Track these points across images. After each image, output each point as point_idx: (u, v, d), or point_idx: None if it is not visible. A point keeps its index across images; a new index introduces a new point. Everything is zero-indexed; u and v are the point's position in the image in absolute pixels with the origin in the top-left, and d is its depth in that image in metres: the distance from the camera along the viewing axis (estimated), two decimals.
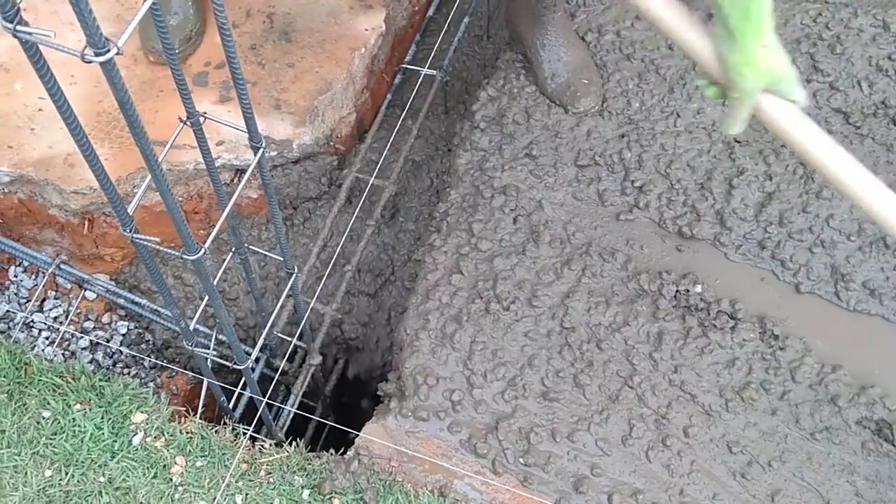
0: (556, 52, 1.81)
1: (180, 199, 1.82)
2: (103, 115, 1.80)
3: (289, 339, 1.59)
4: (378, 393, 1.61)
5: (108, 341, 1.86)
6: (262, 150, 1.04)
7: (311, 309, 1.70)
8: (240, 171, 1.82)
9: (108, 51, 0.69)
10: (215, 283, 1.16)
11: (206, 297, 1.10)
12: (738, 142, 1.72)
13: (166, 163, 1.74)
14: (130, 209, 0.95)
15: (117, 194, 0.91)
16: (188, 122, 1.04)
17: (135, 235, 0.95)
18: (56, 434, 1.45)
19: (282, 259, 1.29)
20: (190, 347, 1.22)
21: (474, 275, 1.61)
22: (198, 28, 1.85)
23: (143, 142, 0.78)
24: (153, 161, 0.80)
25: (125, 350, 1.84)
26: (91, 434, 1.44)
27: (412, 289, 1.63)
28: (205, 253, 0.95)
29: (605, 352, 1.53)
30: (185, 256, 0.95)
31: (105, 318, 1.89)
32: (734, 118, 1.11)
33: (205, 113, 1.05)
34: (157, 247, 0.95)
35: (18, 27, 0.67)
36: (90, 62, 0.69)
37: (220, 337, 1.66)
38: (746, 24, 1.03)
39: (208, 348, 1.29)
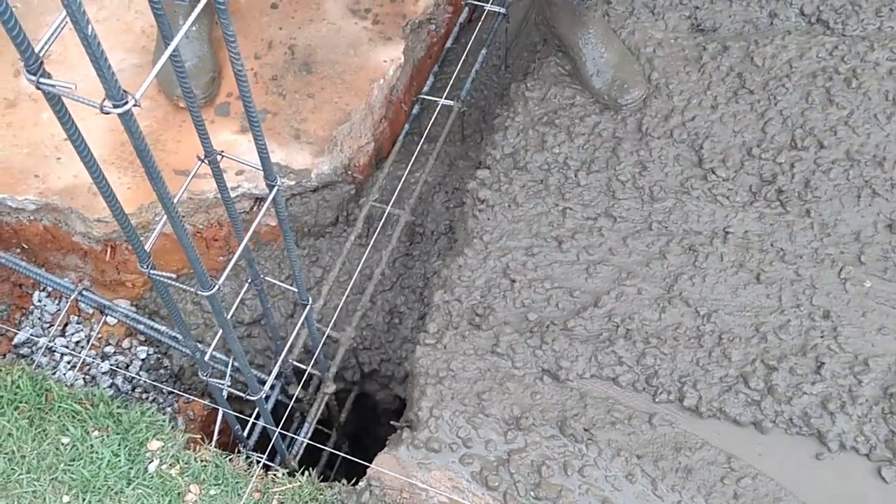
0: (598, 49, 1.88)
1: (201, 226, 1.85)
2: (127, 145, 1.84)
3: (303, 367, 1.61)
4: (392, 423, 1.63)
5: (127, 366, 1.89)
6: (276, 187, 1.06)
7: (327, 337, 1.72)
8: (259, 200, 1.86)
9: (126, 103, 0.71)
10: (231, 314, 1.19)
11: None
12: None
13: (188, 192, 1.78)
14: (148, 246, 0.97)
15: (135, 233, 0.93)
16: (206, 161, 1.07)
17: (152, 271, 0.98)
18: (74, 460, 1.48)
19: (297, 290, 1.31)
20: (205, 378, 1.24)
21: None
22: (217, 67, 1.89)
23: (160, 187, 0.80)
24: (169, 205, 0.83)
25: (144, 375, 1.87)
26: (108, 461, 1.47)
27: (424, 324, 1.64)
28: (218, 290, 0.98)
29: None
30: (199, 292, 0.97)
31: (125, 343, 1.92)
32: None
33: (222, 151, 1.07)
34: (173, 283, 0.98)
35: (42, 80, 0.69)
36: (108, 114, 0.72)
37: (237, 364, 1.68)
38: None
39: (225, 376, 1.31)
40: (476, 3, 2.25)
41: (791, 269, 1.64)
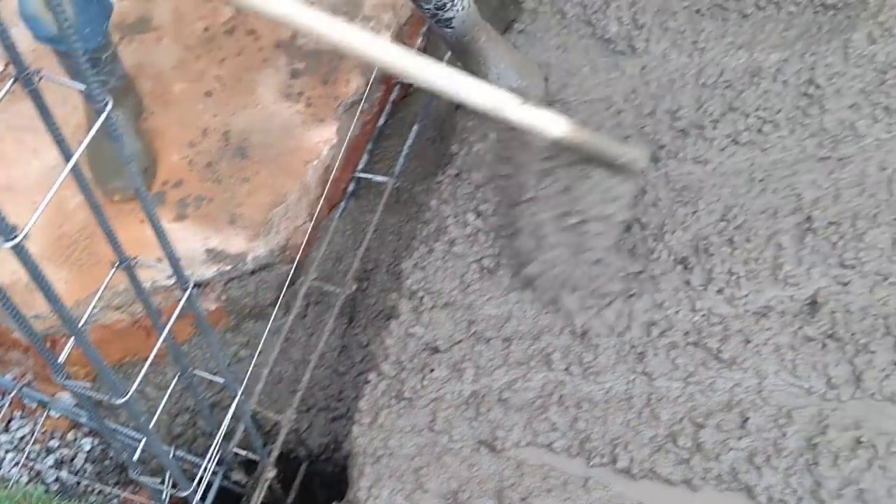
0: (498, 66, 1.95)
1: (139, 315, 1.88)
2: (63, 239, 1.87)
3: (242, 452, 1.63)
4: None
5: (72, 459, 1.89)
6: (189, 290, 1.10)
7: (266, 419, 1.74)
8: (196, 286, 1.89)
9: (15, 237, 0.75)
10: (158, 413, 1.21)
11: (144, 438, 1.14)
12: None
13: (124, 282, 1.80)
14: (61, 358, 1.00)
15: (44, 345, 0.96)
16: (121, 267, 1.10)
17: (65, 381, 1.00)
18: None
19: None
20: (136, 477, 1.25)
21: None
22: (150, 159, 1.93)
23: (61, 310, 0.83)
24: (73, 327, 0.86)
25: (89, 467, 1.87)
26: None
27: (357, 404, 1.67)
28: (131, 396, 1.00)
29: None
30: (113, 400, 1.00)
31: (70, 436, 1.92)
32: None
33: (136, 257, 1.11)
34: (87, 393, 1.00)
35: None
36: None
37: (180, 453, 1.70)
38: None
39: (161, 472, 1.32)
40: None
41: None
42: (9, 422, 1.91)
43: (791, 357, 1.64)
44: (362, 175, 2.14)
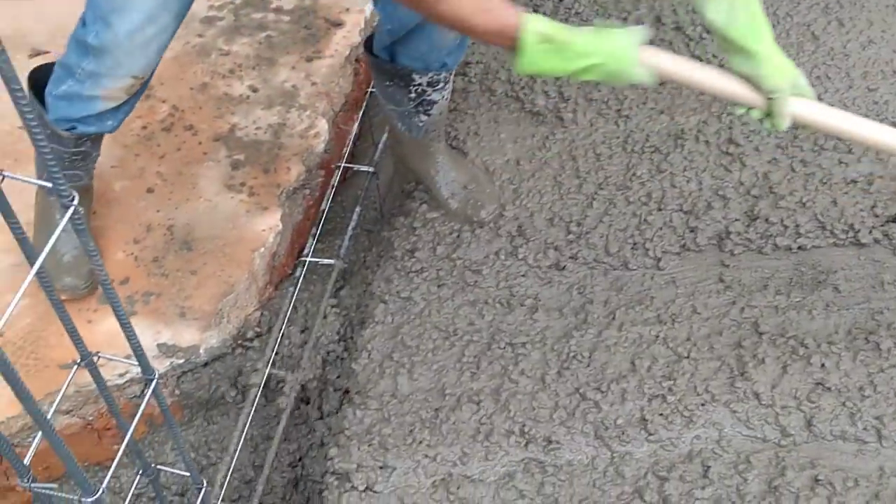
0: (448, 174, 2.06)
1: (91, 417, 1.83)
2: (7, 346, 1.83)
3: None
4: None
5: None
6: (153, 381, 1.09)
7: None
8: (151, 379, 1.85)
9: None
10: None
11: None
12: None
13: (74, 385, 1.77)
14: (27, 459, 0.98)
15: (12, 449, 0.94)
16: (82, 364, 1.09)
17: (32, 485, 0.98)
18: None
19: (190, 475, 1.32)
20: None
21: None
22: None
23: (31, 407, 0.82)
24: (44, 423, 0.85)
25: None
26: None
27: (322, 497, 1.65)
28: (103, 493, 0.98)
29: None
30: (82, 500, 0.98)
31: None
32: (782, 116, 1.44)
33: (98, 352, 1.10)
34: (55, 493, 0.98)
35: None
36: None
37: None
38: (763, 43, 1.39)
39: None
40: (347, 165, 2.38)
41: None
42: None
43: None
44: (309, 259, 2.16)
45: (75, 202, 0.81)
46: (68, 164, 1.78)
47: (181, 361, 1.85)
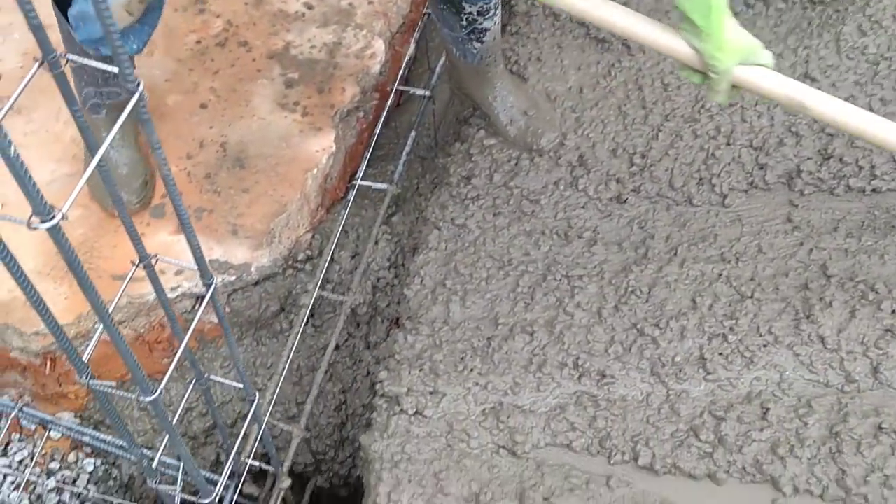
0: (507, 99, 1.99)
1: (142, 330, 1.83)
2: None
3: (256, 464, 1.58)
4: None
5: (74, 481, 1.83)
6: (213, 286, 1.07)
7: (280, 430, 1.70)
8: (200, 298, 1.85)
9: (53, 217, 0.72)
10: (178, 415, 1.17)
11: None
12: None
13: (127, 296, 1.76)
14: (85, 357, 0.96)
15: (70, 343, 0.93)
16: (141, 265, 1.07)
17: (91, 381, 0.97)
18: None
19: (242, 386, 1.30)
20: (154, 486, 1.21)
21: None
22: (150, 170, 1.89)
23: (93, 298, 0.80)
24: (105, 316, 0.83)
25: (92, 489, 1.82)
26: None
27: (372, 411, 1.63)
28: (161, 394, 0.97)
29: None
30: (141, 398, 0.96)
31: (71, 457, 1.86)
32: (717, 92, 1.39)
33: (156, 255, 1.08)
34: (113, 391, 0.97)
35: None
36: (36, 229, 0.73)
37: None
38: (709, 20, 1.29)
39: (176, 481, 1.28)
40: (402, 88, 2.32)
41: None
42: (7, 445, 1.84)
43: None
44: (361, 183, 2.12)
45: (141, 87, 0.77)
46: (102, 82, 1.74)
47: (233, 279, 1.84)
